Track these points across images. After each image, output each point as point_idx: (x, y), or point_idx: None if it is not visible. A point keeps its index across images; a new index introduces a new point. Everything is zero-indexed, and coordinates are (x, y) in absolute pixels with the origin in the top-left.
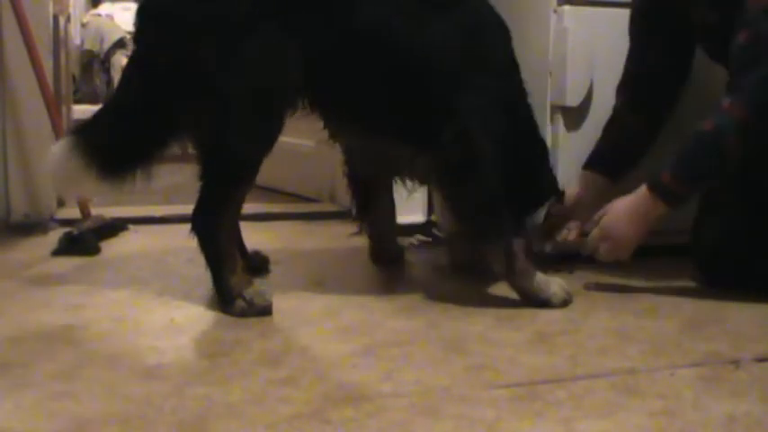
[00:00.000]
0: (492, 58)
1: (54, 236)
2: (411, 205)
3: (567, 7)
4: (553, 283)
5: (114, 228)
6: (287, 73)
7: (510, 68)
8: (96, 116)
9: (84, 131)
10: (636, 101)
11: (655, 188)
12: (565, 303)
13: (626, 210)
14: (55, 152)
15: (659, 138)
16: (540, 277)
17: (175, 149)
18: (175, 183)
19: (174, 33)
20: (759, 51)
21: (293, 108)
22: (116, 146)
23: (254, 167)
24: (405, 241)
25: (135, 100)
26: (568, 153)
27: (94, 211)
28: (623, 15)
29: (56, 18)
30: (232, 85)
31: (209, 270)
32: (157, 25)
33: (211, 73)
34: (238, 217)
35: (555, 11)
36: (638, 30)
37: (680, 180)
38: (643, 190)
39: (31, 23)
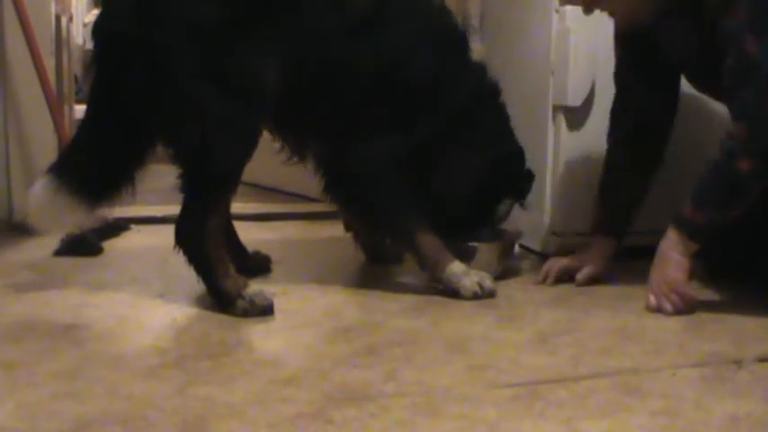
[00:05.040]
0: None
1: (56, 236)
2: None
3: (569, 7)
4: (465, 277)
5: (116, 228)
6: (264, 78)
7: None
8: (71, 147)
9: (63, 168)
10: (628, 138)
11: (678, 224)
12: (476, 296)
13: (661, 258)
14: (38, 195)
15: (653, 186)
16: (454, 268)
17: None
18: (176, 182)
19: (142, 56)
20: (748, 67)
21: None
22: (99, 175)
23: (237, 174)
24: None
25: (108, 125)
26: (570, 153)
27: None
28: None
29: (58, 18)
30: (210, 96)
31: (200, 279)
32: (123, 44)
33: (187, 87)
34: (228, 218)
35: (557, 11)
36: (623, 74)
37: (701, 212)
38: (669, 231)
39: (33, 23)
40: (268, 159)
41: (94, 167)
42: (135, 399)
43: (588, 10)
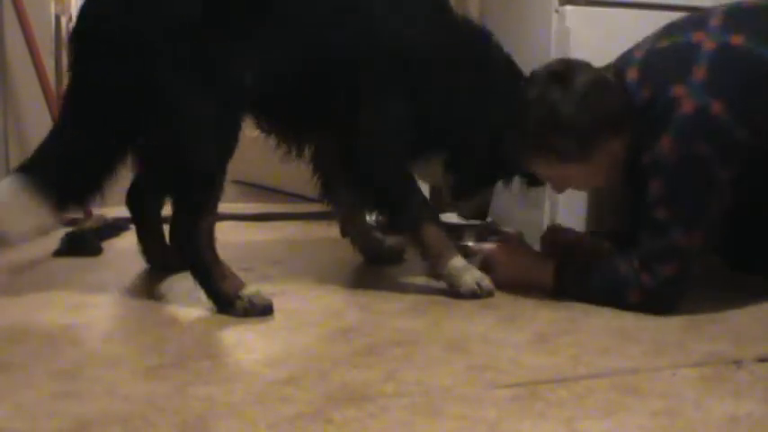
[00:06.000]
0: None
1: (55, 236)
2: None
3: (568, 7)
4: (467, 273)
5: (116, 228)
6: (246, 74)
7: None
8: (43, 148)
9: (32, 167)
10: None
11: (555, 276)
12: (474, 295)
13: (527, 265)
14: (1, 194)
15: None
16: (456, 263)
17: None
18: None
19: (122, 54)
20: (655, 227)
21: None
22: (69, 178)
23: (221, 174)
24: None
25: (82, 126)
26: None
27: (96, 210)
28: (625, 15)
29: (58, 18)
30: (188, 97)
31: (197, 282)
32: (102, 47)
33: (165, 88)
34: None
35: (557, 11)
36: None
37: (576, 291)
38: (549, 265)
39: (33, 23)
40: (268, 159)
41: (64, 168)
42: (135, 399)
43: (559, 190)
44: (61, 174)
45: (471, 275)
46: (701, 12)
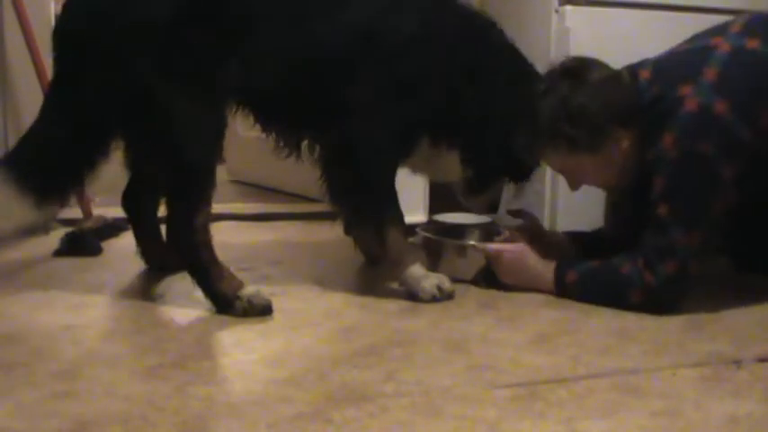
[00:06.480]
0: (387, 41)
1: (56, 236)
2: (412, 205)
3: (568, 7)
4: (425, 279)
5: (116, 228)
6: (221, 73)
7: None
8: (23, 143)
9: (13, 162)
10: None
11: (557, 277)
12: (434, 299)
13: (530, 266)
14: None
15: None
16: (415, 270)
17: None
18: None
19: (104, 54)
20: (658, 225)
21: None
22: (49, 173)
23: (211, 172)
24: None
25: (64, 122)
26: None
27: (96, 211)
28: (625, 15)
29: (57, 18)
30: (172, 96)
31: (195, 282)
32: (84, 46)
33: (147, 85)
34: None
35: (557, 11)
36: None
37: (578, 292)
38: (551, 266)
39: (33, 23)
40: (268, 160)
41: (45, 163)
42: (135, 399)
43: (573, 186)
44: (42, 168)
45: (430, 281)
46: (725, 21)
